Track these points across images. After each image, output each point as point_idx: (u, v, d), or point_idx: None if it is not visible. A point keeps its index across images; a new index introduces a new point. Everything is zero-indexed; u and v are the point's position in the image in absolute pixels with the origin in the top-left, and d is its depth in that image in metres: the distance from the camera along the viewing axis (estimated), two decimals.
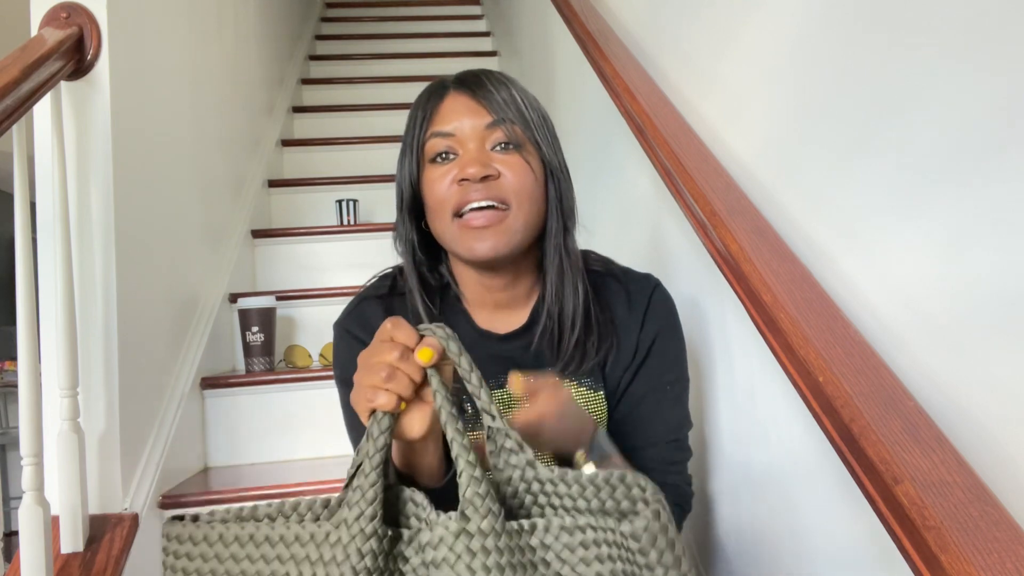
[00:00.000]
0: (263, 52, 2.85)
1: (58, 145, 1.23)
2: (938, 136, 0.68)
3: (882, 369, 0.71)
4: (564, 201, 0.87)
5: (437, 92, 0.87)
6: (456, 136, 0.83)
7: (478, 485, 0.59)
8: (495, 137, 0.83)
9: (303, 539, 0.62)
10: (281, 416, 1.84)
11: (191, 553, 0.66)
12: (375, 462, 0.61)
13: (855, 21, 0.81)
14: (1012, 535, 0.54)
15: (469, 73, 0.87)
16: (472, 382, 0.64)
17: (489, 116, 0.83)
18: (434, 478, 0.72)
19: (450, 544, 0.57)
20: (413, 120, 0.86)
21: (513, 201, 0.81)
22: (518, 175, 0.82)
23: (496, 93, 0.84)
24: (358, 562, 0.58)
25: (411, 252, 0.89)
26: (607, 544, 0.57)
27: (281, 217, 2.80)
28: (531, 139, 0.84)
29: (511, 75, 0.93)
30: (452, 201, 0.81)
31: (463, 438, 0.61)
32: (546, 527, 0.59)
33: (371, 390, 0.63)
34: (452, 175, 0.82)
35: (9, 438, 4.22)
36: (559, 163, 0.87)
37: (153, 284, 1.54)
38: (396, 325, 0.64)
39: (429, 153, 0.84)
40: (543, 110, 0.89)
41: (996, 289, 0.61)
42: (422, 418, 0.65)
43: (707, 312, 1.21)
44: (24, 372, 1.12)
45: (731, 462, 1.14)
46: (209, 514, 0.66)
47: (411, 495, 0.63)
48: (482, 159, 0.81)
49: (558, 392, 0.76)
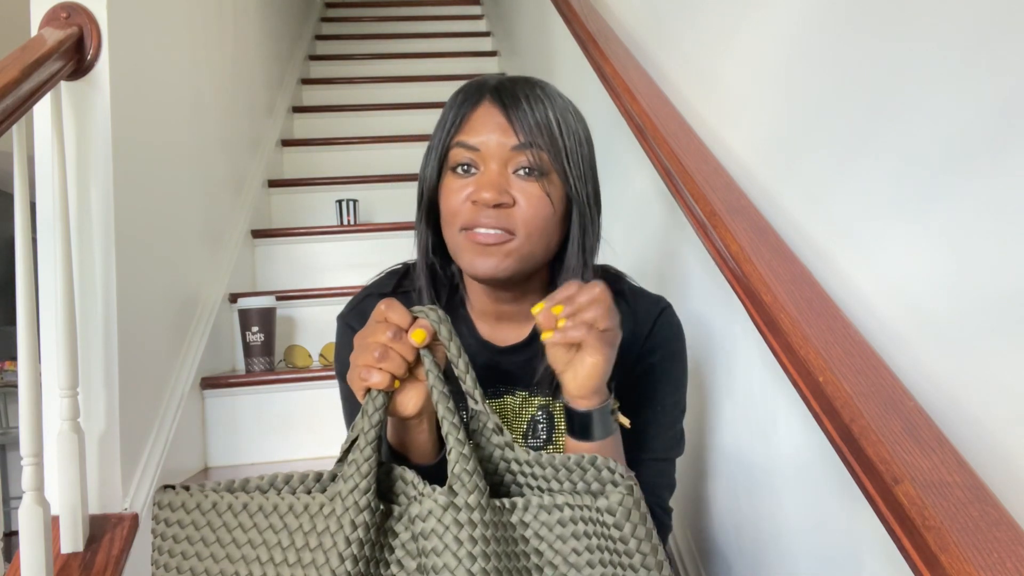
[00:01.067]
0: (263, 52, 2.85)
1: (58, 145, 1.23)
2: (938, 136, 0.68)
3: (882, 369, 0.71)
4: (587, 237, 0.83)
5: (472, 97, 0.82)
6: (481, 151, 0.79)
7: (466, 462, 0.62)
8: (519, 161, 0.78)
9: (296, 510, 0.64)
10: (281, 416, 1.84)
11: (182, 521, 0.67)
12: (370, 437, 0.64)
13: (854, 21, 0.81)
14: (1012, 535, 0.54)
15: (508, 83, 0.82)
16: (459, 366, 0.67)
17: (516, 138, 0.78)
18: (427, 456, 0.73)
19: (438, 516, 0.60)
20: (443, 120, 0.83)
21: (522, 231, 0.78)
22: (533, 206, 0.78)
23: (531, 113, 0.79)
24: (351, 532, 0.61)
25: (424, 253, 0.87)
26: (584, 521, 0.61)
27: (281, 217, 2.80)
28: (558, 169, 0.79)
29: None
30: (462, 218, 0.79)
31: (454, 416, 0.64)
32: (525, 506, 0.63)
33: (366, 369, 0.65)
34: (468, 192, 0.79)
35: (9, 438, 4.23)
36: (588, 196, 0.82)
37: (153, 284, 1.54)
38: (390, 306, 0.67)
39: (451, 161, 0.81)
40: (584, 134, 0.83)
41: (996, 289, 0.61)
42: (416, 396, 0.68)
43: (707, 312, 1.21)
44: (24, 372, 1.12)
45: (731, 462, 1.14)
46: (200, 486, 0.68)
47: (402, 473, 0.66)
48: (500, 184, 0.77)
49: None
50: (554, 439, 0.87)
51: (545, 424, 0.87)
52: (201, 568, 0.66)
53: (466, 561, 0.58)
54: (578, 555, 0.61)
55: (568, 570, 0.62)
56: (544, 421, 0.87)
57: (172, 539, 0.67)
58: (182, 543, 0.67)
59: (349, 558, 0.60)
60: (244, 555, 0.65)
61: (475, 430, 0.69)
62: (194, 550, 0.67)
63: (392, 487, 0.66)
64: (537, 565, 0.62)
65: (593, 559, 0.61)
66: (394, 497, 0.66)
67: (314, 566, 0.62)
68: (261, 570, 0.64)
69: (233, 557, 0.65)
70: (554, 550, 0.62)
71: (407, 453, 0.74)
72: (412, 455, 0.74)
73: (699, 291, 1.24)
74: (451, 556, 0.59)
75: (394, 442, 0.74)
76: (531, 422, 0.88)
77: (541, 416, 0.88)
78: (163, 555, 0.68)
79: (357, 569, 0.61)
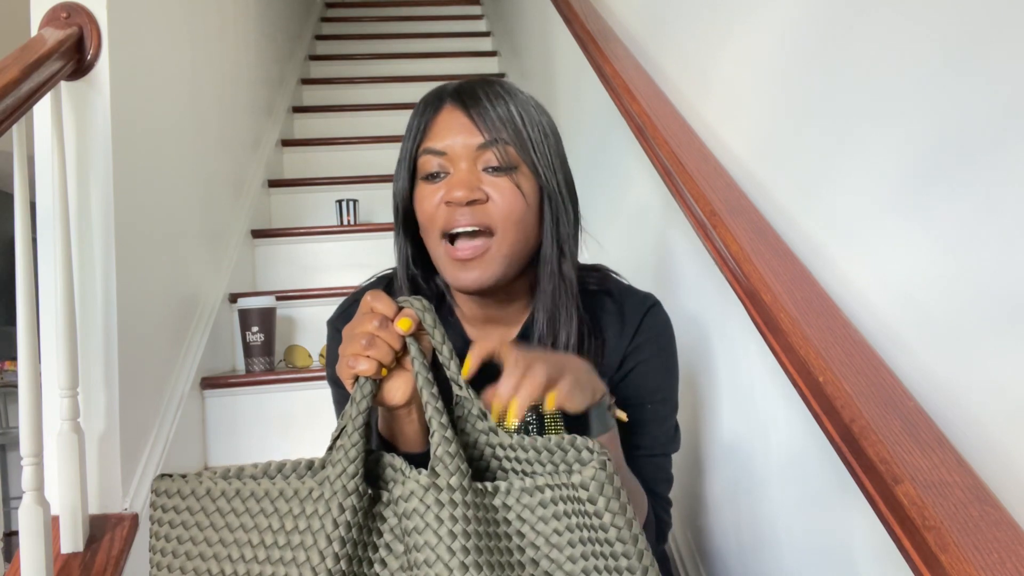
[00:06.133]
0: (263, 52, 2.85)
1: (58, 145, 1.23)
2: (937, 135, 0.68)
3: (882, 369, 0.71)
4: (561, 226, 0.83)
5: (433, 104, 0.84)
6: (448, 155, 0.80)
7: (448, 445, 0.63)
8: (486, 158, 0.80)
9: (287, 495, 0.67)
10: (281, 416, 1.84)
11: (178, 507, 0.70)
12: (357, 424, 0.66)
13: (853, 20, 0.81)
14: (1012, 535, 0.54)
15: (467, 85, 0.83)
16: (443, 353, 0.69)
17: (481, 136, 0.79)
18: (416, 445, 0.75)
19: (420, 496, 0.62)
20: (409, 132, 0.84)
21: (499, 227, 0.79)
22: (507, 200, 0.79)
23: (492, 109, 0.80)
24: (339, 515, 0.63)
25: (405, 264, 0.88)
26: (563, 501, 0.63)
27: (281, 217, 2.80)
28: (527, 161, 0.80)
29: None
30: (439, 222, 0.80)
31: (437, 401, 0.66)
32: (507, 489, 0.64)
33: (353, 357, 0.67)
34: (440, 195, 0.80)
35: (9, 438, 4.22)
36: (558, 185, 0.83)
37: (153, 284, 1.54)
38: (376, 297, 0.69)
39: (421, 170, 0.82)
40: (548, 125, 0.84)
41: (996, 289, 0.61)
42: (403, 385, 0.69)
43: (705, 312, 1.21)
44: (24, 372, 1.12)
45: (731, 461, 1.14)
46: (196, 473, 0.70)
47: (390, 460, 0.68)
48: (470, 182, 0.79)
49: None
50: None
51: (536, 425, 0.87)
52: (196, 552, 0.69)
53: (447, 539, 0.60)
54: (559, 535, 0.63)
55: (550, 550, 0.63)
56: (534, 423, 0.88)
57: (169, 524, 0.70)
58: (178, 528, 0.69)
59: (337, 540, 0.62)
60: (237, 539, 0.68)
61: (460, 416, 0.71)
62: (189, 535, 0.69)
63: (382, 474, 0.68)
64: (519, 546, 0.64)
65: (573, 538, 0.63)
66: (383, 484, 0.68)
67: (303, 547, 0.64)
68: (253, 552, 0.67)
69: (226, 541, 0.68)
70: (536, 531, 0.64)
71: (396, 443, 0.75)
72: (401, 444, 0.75)
73: (698, 291, 1.24)
74: (432, 535, 0.61)
75: (384, 432, 0.76)
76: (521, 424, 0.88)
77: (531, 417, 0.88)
78: (160, 540, 0.70)
79: (344, 551, 0.63)
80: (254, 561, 0.67)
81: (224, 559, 0.68)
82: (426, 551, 0.60)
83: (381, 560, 0.65)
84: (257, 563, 0.67)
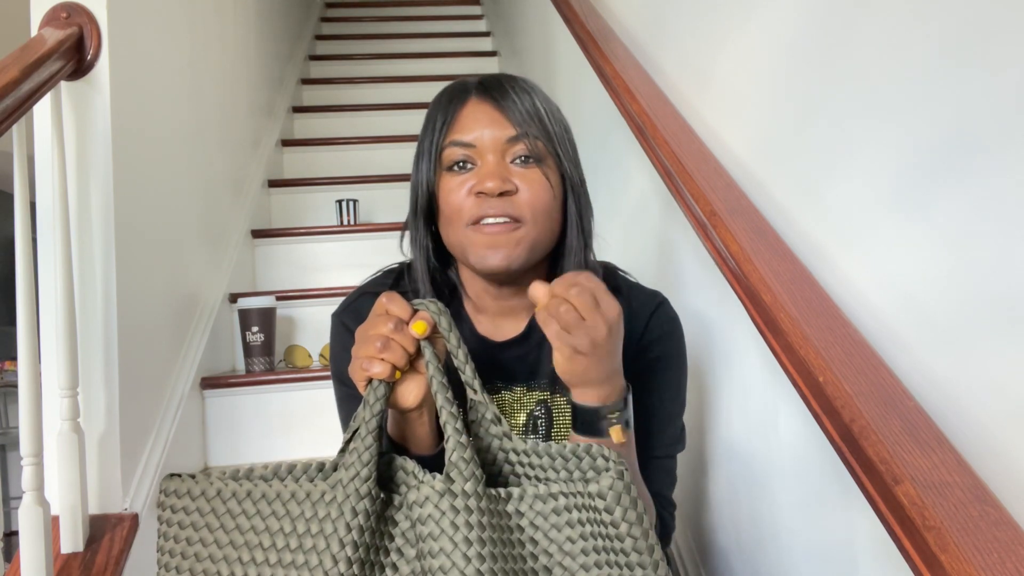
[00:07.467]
0: (263, 52, 2.85)
1: (58, 145, 1.23)
2: (937, 134, 0.68)
3: (882, 369, 0.71)
4: (584, 218, 0.85)
5: (458, 96, 0.84)
6: (477, 147, 0.80)
7: (463, 450, 0.63)
8: (516, 150, 0.80)
9: (299, 497, 0.66)
10: (281, 416, 1.84)
11: (188, 507, 0.69)
12: (371, 427, 0.65)
13: (853, 19, 0.81)
14: (1012, 535, 0.54)
15: (492, 79, 0.84)
16: (459, 357, 0.69)
17: (511, 128, 0.80)
18: (427, 448, 0.74)
19: (435, 502, 0.61)
20: (432, 123, 0.84)
21: (528, 217, 0.79)
22: (536, 191, 0.79)
23: (519, 103, 0.81)
24: (351, 519, 0.62)
25: (426, 258, 0.87)
26: (577, 508, 0.62)
27: (281, 217, 2.80)
28: (552, 153, 0.82)
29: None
30: (468, 212, 0.79)
31: (452, 406, 0.65)
32: (521, 495, 0.64)
33: (367, 360, 0.66)
34: (469, 186, 0.80)
35: (9, 438, 4.22)
36: (579, 178, 0.85)
37: (153, 284, 1.54)
38: (391, 299, 0.68)
39: (447, 161, 0.82)
40: (565, 121, 0.86)
41: (996, 288, 0.61)
42: (416, 388, 0.69)
43: (706, 311, 1.21)
44: (24, 372, 1.12)
45: (731, 461, 1.14)
46: (205, 474, 0.69)
47: (402, 463, 0.67)
48: (501, 173, 0.79)
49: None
50: (553, 435, 0.87)
51: (544, 419, 0.87)
52: (205, 553, 0.68)
53: (462, 545, 0.60)
54: (572, 543, 0.63)
55: (563, 557, 0.63)
56: (543, 416, 0.87)
57: (177, 525, 0.69)
58: (187, 529, 0.68)
59: (349, 544, 0.62)
60: (247, 541, 0.67)
61: (474, 420, 0.70)
62: (198, 536, 0.68)
63: (393, 477, 0.68)
64: (532, 553, 0.63)
65: (587, 546, 0.62)
66: (395, 487, 0.67)
67: (315, 551, 0.63)
68: (263, 555, 0.66)
69: (236, 543, 0.67)
70: (549, 538, 0.63)
71: (407, 445, 0.75)
72: (412, 447, 0.75)
73: (698, 290, 1.24)
74: (447, 540, 0.60)
75: (394, 434, 0.75)
76: (530, 417, 0.88)
77: (540, 411, 0.88)
78: (168, 540, 0.69)
79: (357, 555, 0.62)
80: (265, 564, 0.66)
81: (233, 561, 0.67)
82: (441, 557, 0.60)
83: (392, 564, 0.65)
84: (268, 566, 0.65)
